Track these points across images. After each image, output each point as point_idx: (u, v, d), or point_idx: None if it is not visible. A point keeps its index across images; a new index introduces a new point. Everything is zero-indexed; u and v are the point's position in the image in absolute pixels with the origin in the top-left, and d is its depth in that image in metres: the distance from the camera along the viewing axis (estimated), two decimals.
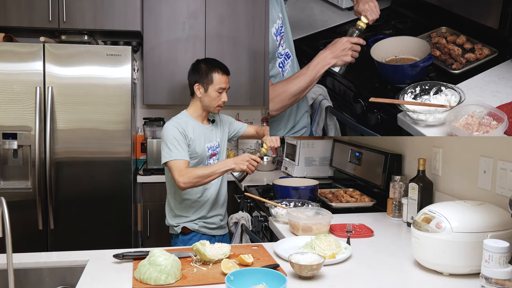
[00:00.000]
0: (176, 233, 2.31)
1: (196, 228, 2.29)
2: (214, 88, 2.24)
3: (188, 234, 2.29)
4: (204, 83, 2.25)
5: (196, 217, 2.30)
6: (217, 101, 2.27)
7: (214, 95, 2.25)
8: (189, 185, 2.12)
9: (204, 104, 2.29)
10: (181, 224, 2.28)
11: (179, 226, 2.29)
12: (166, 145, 2.18)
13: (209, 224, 2.34)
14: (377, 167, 2.40)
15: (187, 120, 2.28)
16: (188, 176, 2.10)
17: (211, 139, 2.34)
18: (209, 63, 2.29)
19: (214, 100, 2.27)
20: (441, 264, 1.40)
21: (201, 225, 2.31)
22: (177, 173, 2.11)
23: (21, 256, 1.54)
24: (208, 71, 2.24)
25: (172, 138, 2.17)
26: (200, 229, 2.30)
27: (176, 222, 2.30)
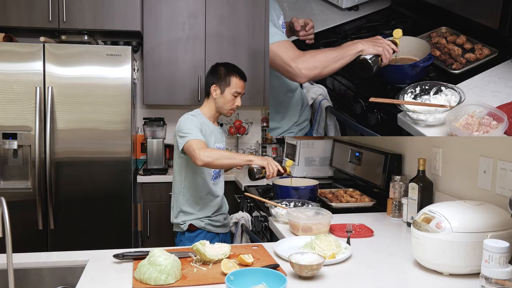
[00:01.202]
0: (182, 231, 2.32)
1: (202, 225, 2.31)
2: (230, 91, 2.29)
3: (194, 232, 2.30)
4: (221, 85, 2.29)
5: (202, 215, 2.32)
6: (230, 104, 2.32)
7: (229, 98, 2.30)
8: (207, 159, 2.04)
9: (218, 105, 2.32)
10: (188, 222, 2.30)
11: (185, 224, 2.30)
12: (182, 132, 2.17)
13: (214, 222, 2.35)
14: (377, 167, 2.40)
15: (201, 117, 2.31)
16: (209, 151, 2.08)
17: (220, 140, 2.39)
18: (228, 67, 2.34)
19: (228, 103, 2.31)
20: (441, 264, 1.40)
21: (206, 223, 2.32)
22: (197, 149, 2.07)
23: (21, 256, 1.54)
24: (227, 74, 2.30)
25: (189, 126, 2.18)
26: (206, 227, 2.32)
27: (182, 220, 2.31)
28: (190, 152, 2.10)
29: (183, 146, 2.15)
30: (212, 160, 2.05)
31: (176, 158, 2.33)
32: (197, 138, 2.13)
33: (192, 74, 3.47)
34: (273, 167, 2.05)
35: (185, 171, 2.30)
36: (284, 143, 3.41)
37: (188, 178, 2.30)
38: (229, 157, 2.10)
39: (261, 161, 2.06)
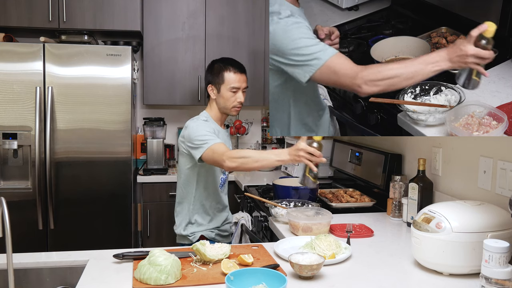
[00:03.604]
0: (190, 243, 2.18)
1: (212, 236, 2.23)
2: (226, 87, 2.13)
3: None
4: (216, 83, 2.16)
5: (213, 226, 2.24)
6: (231, 101, 2.15)
7: (227, 95, 2.14)
8: (235, 163, 1.87)
9: (220, 105, 2.18)
10: (198, 233, 2.20)
11: (195, 235, 2.20)
12: (198, 140, 2.00)
13: (222, 232, 2.30)
14: (377, 167, 2.40)
15: (210, 122, 2.18)
16: (235, 153, 1.90)
17: (228, 144, 2.27)
18: (222, 62, 2.19)
19: (228, 101, 2.15)
20: (441, 264, 1.40)
21: (216, 233, 2.26)
22: (222, 154, 1.90)
23: (21, 256, 1.54)
24: (220, 70, 2.15)
25: (204, 132, 2.02)
26: (216, 237, 2.26)
27: (191, 231, 2.20)
28: (215, 159, 1.94)
29: (202, 154, 1.97)
30: (238, 164, 1.88)
31: (184, 167, 2.19)
32: (217, 141, 1.97)
33: (192, 74, 3.47)
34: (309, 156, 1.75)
35: (196, 181, 2.18)
36: (284, 143, 3.40)
37: (199, 188, 2.19)
38: (257, 160, 1.86)
39: (293, 157, 1.78)
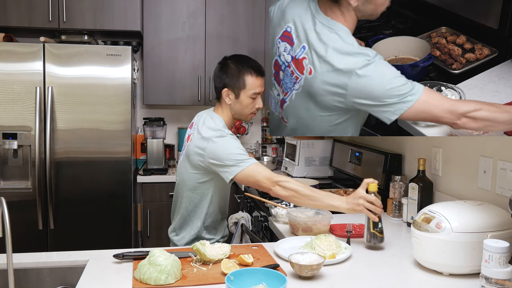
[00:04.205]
0: None
1: None
2: (247, 94, 1.88)
3: None
4: (235, 88, 1.88)
5: (218, 237, 2.06)
6: (250, 108, 1.92)
7: (247, 102, 1.89)
8: (286, 192, 1.71)
9: (235, 111, 1.93)
10: None
11: None
12: (231, 158, 1.76)
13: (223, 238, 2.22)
14: (377, 167, 2.40)
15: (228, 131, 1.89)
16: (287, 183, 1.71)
17: None
18: (240, 62, 1.91)
19: (247, 108, 1.91)
20: (441, 264, 1.40)
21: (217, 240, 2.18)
22: (266, 177, 1.73)
23: (21, 256, 1.54)
24: (240, 73, 1.88)
25: (236, 150, 1.78)
26: None
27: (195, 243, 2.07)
28: (257, 181, 1.74)
29: (237, 175, 1.75)
30: (288, 196, 1.71)
31: (194, 181, 1.92)
32: (254, 162, 1.76)
33: (192, 74, 3.47)
34: (369, 205, 1.62)
35: (210, 197, 1.94)
36: (284, 143, 3.41)
37: (213, 204, 1.96)
38: (311, 198, 1.69)
39: (352, 205, 1.64)
